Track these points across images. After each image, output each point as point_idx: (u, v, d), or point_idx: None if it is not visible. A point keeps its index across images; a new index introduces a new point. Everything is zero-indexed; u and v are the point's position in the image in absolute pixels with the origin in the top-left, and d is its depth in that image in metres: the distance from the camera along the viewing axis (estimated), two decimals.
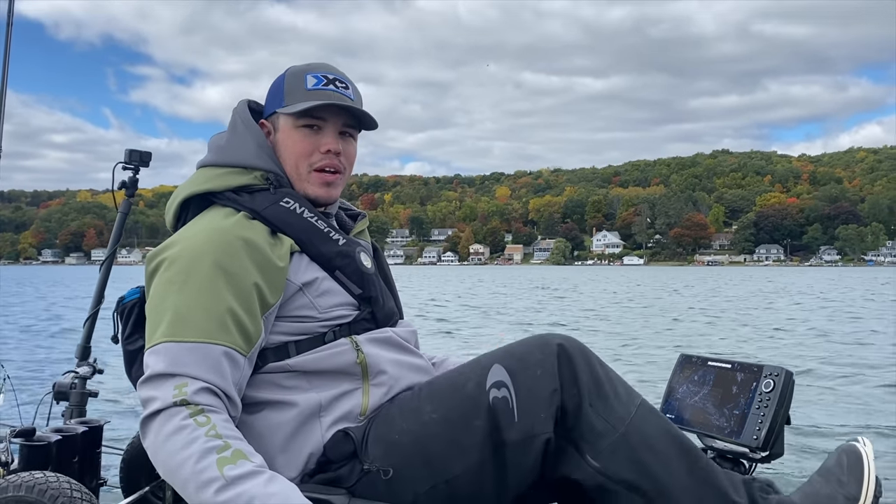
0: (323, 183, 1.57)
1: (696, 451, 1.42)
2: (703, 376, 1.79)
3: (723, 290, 31.55)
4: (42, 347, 11.02)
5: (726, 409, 1.70)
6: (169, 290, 1.39)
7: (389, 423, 1.43)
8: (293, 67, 1.60)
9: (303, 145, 1.55)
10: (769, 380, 1.65)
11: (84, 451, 1.97)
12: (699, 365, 1.82)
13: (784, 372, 1.65)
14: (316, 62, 1.61)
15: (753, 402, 1.65)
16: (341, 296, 1.52)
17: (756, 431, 1.61)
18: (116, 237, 2.66)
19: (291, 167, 1.56)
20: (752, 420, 1.63)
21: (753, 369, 1.70)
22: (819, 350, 10.85)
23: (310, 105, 1.51)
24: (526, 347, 1.43)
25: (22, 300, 25.30)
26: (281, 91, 1.57)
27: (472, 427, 1.37)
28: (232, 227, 1.45)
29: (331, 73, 1.58)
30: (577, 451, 1.37)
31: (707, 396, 1.76)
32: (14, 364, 9.65)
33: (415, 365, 1.56)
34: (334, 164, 1.56)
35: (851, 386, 7.64)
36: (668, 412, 1.82)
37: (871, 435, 5.10)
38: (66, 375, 2.44)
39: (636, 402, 1.42)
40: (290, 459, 1.42)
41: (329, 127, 1.56)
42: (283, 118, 1.57)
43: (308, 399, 1.44)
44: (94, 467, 2.02)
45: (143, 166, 2.70)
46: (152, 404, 1.30)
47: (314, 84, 1.55)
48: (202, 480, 1.22)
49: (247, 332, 1.38)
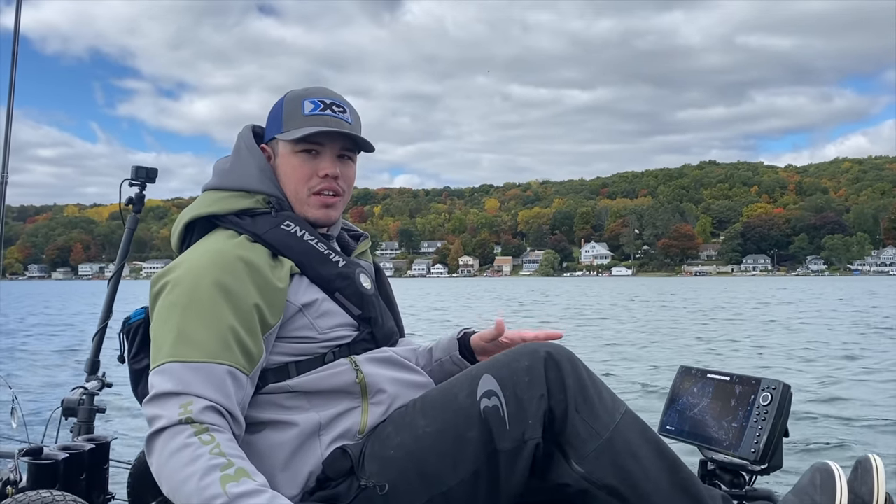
0: (322, 205, 1.60)
1: (678, 461, 1.44)
2: (703, 389, 1.81)
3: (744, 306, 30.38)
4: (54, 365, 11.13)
5: (725, 421, 1.72)
6: (172, 311, 1.41)
7: (385, 439, 1.45)
8: (292, 92, 1.64)
9: (301, 170, 1.59)
10: (767, 393, 1.67)
11: (91, 467, 1.99)
12: (698, 377, 1.83)
13: (781, 385, 1.67)
14: (314, 87, 1.65)
15: (751, 415, 1.66)
16: (341, 317, 1.55)
17: (754, 444, 1.62)
18: (124, 252, 2.72)
19: (291, 191, 1.60)
20: (751, 433, 1.65)
21: (751, 382, 1.71)
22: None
23: (306, 132, 1.55)
24: (514, 356, 1.46)
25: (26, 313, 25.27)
26: (280, 117, 1.61)
27: (466, 438, 1.40)
28: (233, 248, 1.48)
29: (328, 98, 1.61)
30: (564, 457, 1.40)
31: (706, 409, 1.77)
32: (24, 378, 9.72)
33: (414, 382, 1.58)
34: (333, 187, 1.60)
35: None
36: (668, 424, 1.83)
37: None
38: (75, 392, 2.46)
39: (621, 410, 1.44)
40: (291, 478, 1.44)
41: (327, 151, 1.59)
42: (281, 144, 1.60)
43: (308, 419, 1.47)
44: (102, 483, 2.04)
45: (149, 182, 2.78)
46: (158, 422, 1.32)
47: (311, 109, 1.59)
48: (205, 497, 1.24)
49: (249, 352, 1.41)
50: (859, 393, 8.33)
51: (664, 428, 1.85)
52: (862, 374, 9.95)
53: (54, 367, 11.43)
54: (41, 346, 15.20)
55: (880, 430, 6.33)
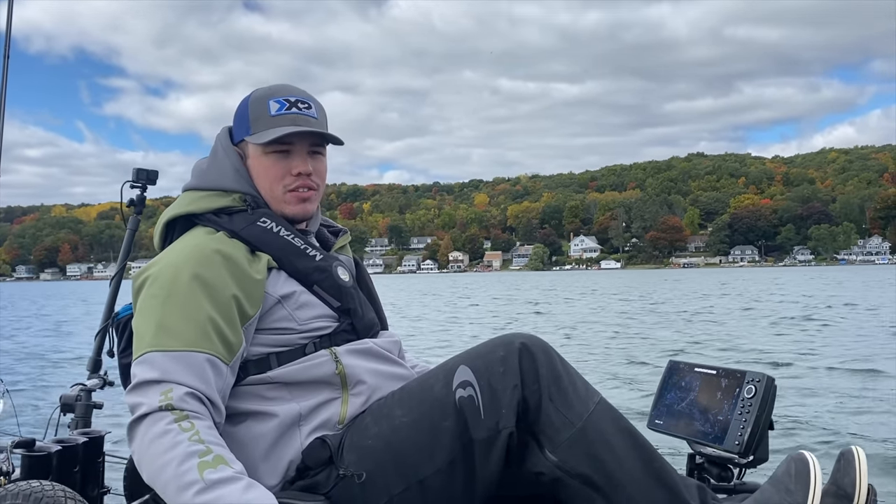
0: (299, 201, 1.64)
1: (652, 451, 1.45)
2: (690, 382, 1.82)
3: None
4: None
5: (710, 414, 1.73)
6: (153, 304, 1.45)
7: (363, 430, 1.48)
8: (256, 92, 1.66)
9: (274, 170, 1.62)
10: (751, 385, 1.68)
11: (85, 460, 2.02)
12: (686, 371, 1.85)
13: (765, 378, 1.68)
14: (277, 84, 1.68)
15: (736, 407, 1.68)
16: (320, 308, 1.58)
17: (738, 437, 1.64)
18: (126, 252, 2.73)
19: (266, 190, 1.64)
20: (735, 425, 1.66)
21: (736, 375, 1.73)
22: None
23: (276, 135, 1.58)
24: (490, 347, 1.48)
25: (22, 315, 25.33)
26: (246, 119, 1.63)
27: (441, 428, 1.42)
28: (211, 243, 1.52)
29: (293, 96, 1.63)
30: (538, 445, 1.42)
31: (693, 402, 1.79)
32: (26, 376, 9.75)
33: (395, 374, 1.61)
34: (307, 183, 1.63)
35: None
36: (657, 418, 1.85)
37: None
38: (74, 388, 2.50)
39: (595, 399, 1.46)
40: (272, 467, 1.47)
41: (297, 149, 1.62)
42: (251, 146, 1.63)
43: (289, 409, 1.49)
44: (96, 476, 2.07)
45: (150, 184, 2.79)
46: (139, 409, 1.35)
47: (277, 109, 1.61)
48: (183, 483, 1.26)
49: (227, 341, 1.44)
50: (849, 383, 8.39)
51: (653, 422, 1.86)
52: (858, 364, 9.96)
53: (60, 367, 11.50)
54: (46, 345, 15.27)
55: (869, 421, 6.39)
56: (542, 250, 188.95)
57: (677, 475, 1.46)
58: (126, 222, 2.75)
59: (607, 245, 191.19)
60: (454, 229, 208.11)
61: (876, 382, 8.36)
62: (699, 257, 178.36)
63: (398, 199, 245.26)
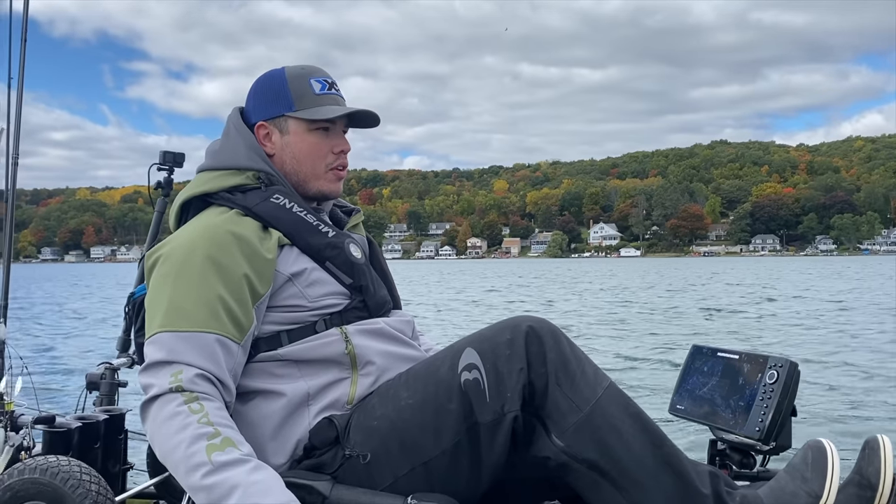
0: (337, 179, 1.69)
1: (662, 437, 1.43)
2: (713, 367, 1.79)
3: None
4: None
5: (732, 400, 1.70)
6: (164, 283, 1.46)
7: (370, 410, 1.48)
8: (291, 69, 1.68)
9: (319, 147, 1.65)
10: (773, 371, 1.64)
11: (106, 437, 2.04)
12: (709, 356, 1.82)
13: (788, 363, 1.64)
14: (308, 65, 1.69)
15: (758, 393, 1.64)
16: (331, 285, 1.58)
17: (759, 423, 1.61)
18: (154, 234, 2.75)
19: (308, 167, 1.66)
20: (756, 412, 1.63)
21: (759, 360, 1.69)
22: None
23: (335, 114, 1.63)
24: (497, 330, 1.47)
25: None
26: (287, 95, 1.65)
27: (446, 410, 1.42)
28: (222, 222, 1.53)
29: (328, 77, 1.68)
30: (545, 430, 1.41)
31: (715, 387, 1.76)
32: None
33: (405, 355, 1.60)
34: (344, 162, 1.70)
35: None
36: (678, 403, 1.84)
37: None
38: (100, 367, 2.54)
39: (603, 384, 1.44)
40: (280, 446, 1.48)
41: (337, 129, 1.68)
42: (294, 122, 1.64)
43: (297, 388, 1.50)
44: (117, 453, 2.10)
45: (176, 167, 2.84)
46: (150, 390, 1.38)
47: (321, 89, 1.65)
48: (191, 464, 1.29)
49: (238, 321, 1.45)
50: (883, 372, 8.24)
51: (675, 407, 1.85)
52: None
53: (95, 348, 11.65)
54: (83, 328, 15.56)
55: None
56: (561, 237, 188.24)
57: (688, 461, 1.44)
58: (154, 204, 2.78)
59: (627, 233, 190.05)
60: (473, 215, 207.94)
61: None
62: (720, 246, 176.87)
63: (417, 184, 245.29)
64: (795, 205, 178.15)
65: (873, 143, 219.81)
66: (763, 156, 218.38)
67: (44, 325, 16.34)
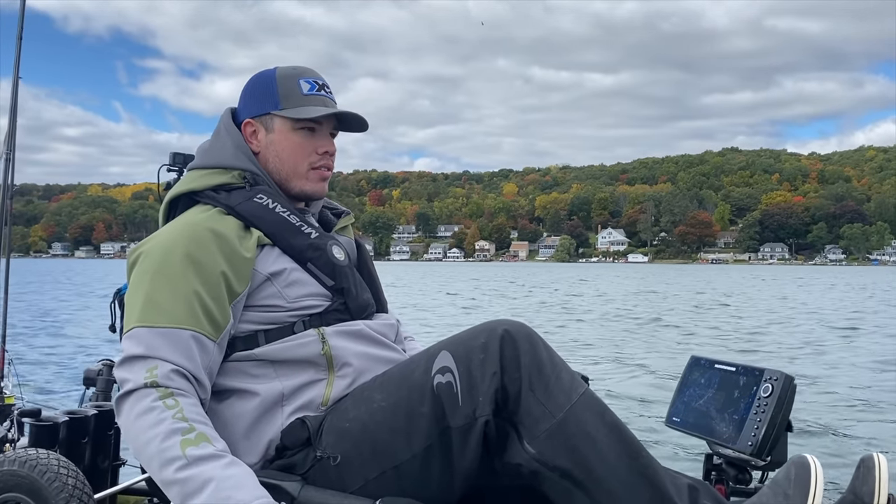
0: (320, 179, 1.68)
1: (639, 447, 1.40)
2: (709, 379, 1.77)
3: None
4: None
5: (727, 413, 1.68)
6: (143, 280, 1.47)
7: (343, 412, 1.48)
8: (281, 69, 1.69)
9: (303, 147, 1.65)
10: (768, 384, 1.61)
11: (96, 432, 2.03)
12: (707, 367, 1.80)
13: (784, 377, 1.61)
14: (300, 66, 1.70)
15: (752, 406, 1.61)
16: (312, 286, 1.58)
17: (752, 437, 1.58)
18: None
19: (290, 166, 1.66)
20: (749, 425, 1.60)
21: (755, 373, 1.67)
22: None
23: (318, 114, 1.62)
24: (473, 333, 1.45)
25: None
26: (274, 93, 1.66)
27: (418, 413, 1.40)
28: (203, 220, 1.54)
29: (319, 79, 1.68)
30: (517, 436, 1.38)
31: (711, 400, 1.74)
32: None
33: (385, 358, 1.59)
34: (328, 163, 1.69)
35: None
36: (675, 415, 1.81)
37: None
38: (98, 363, 2.57)
39: (579, 391, 1.41)
40: (252, 446, 1.48)
41: (323, 130, 1.68)
42: (279, 120, 1.65)
43: (272, 388, 1.49)
44: (106, 448, 2.08)
45: (185, 168, 2.81)
46: (126, 385, 1.38)
47: (309, 89, 1.65)
48: (165, 458, 1.30)
49: (214, 319, 1.45)
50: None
51: (671, 419, 1.82)
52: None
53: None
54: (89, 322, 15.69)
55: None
56: (569, 242, 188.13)
57: (666, 473, 1.41)
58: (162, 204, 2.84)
59: (635, 238, 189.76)
60: (481, 218, 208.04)
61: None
62: (728, 253, 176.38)
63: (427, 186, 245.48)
64: (805, 214, 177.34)
65: (885, 154, 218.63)
66: (774, 164, 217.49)
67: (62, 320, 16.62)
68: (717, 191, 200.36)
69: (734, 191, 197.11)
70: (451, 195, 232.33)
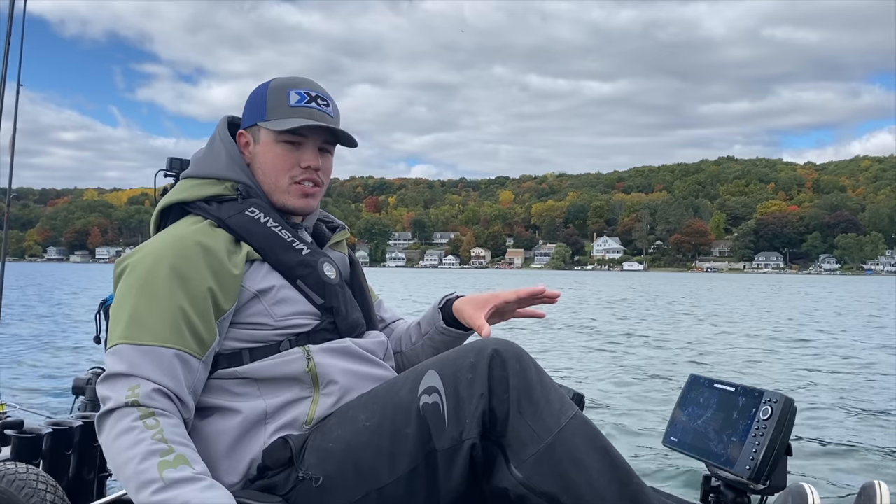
0: (302, 195, 1.62)
1: (630, 474, 1.37)
2: (708, 399, 1.73)
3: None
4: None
5: (725, 435, 1.64)
6: (128, 294, 1.43)
7: (327, 432, 1.44)
8: (276, 80, 1.65)
9: (284, 160, 1.60)
10: (767, 406, 1.58)
11: (81, 444, 1.99)
12: (705, 387, 1.76)
13: (783, 399, 1.58)
14: (299, 77, 1.66)
15: (751, 429, 1.58)
16: (301, 304, 1.54)
17: (750, 461, 1.55)
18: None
19: (271, 179, 1.61)
20: (748, 448, 1.56)
21: (754, 394, 1.64)
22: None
23: (294, 126, 1.57)
24: (462, 352, 1.41)
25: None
26: (263, 104, 1.62)
27: (403, 435, 1.36)
28: (192, 233, 1.49)
29: (313, 91, 1.63)
30: (505, 460, 1.34)
31: (709, 420, 1.70)
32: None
33: (372, 375, 1.56)
34: (313, 178, 1.62)
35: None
36: (672, 435, 1.78)
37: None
38: (87, 372, 2.51)
39: (569, 414, 1.37)
40: (233, 465, 1.44)
41: (309, 143, 1.61)
42: (264, 131, 1.61)
43: (254, 406, 1.46)
44: (92, 459, 2.04)
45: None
46: (107, 403, 1.35)
47: (297, 101, 1.60)
48: (142, 480, 1.27)
49: (200, 336, 1.42)
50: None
51: (668, 439, 1.79)
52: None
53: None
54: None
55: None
56: (565, 249, 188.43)
57: (657, 499, 1.38)
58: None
59: (631, 247, 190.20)
60: (477, 225, 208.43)
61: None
62: (723, 262, 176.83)
63: (424, 193, 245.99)
64: (800, 223, 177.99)
65: (881, 163, 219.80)
66: (769, 173, 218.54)
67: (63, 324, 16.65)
68: (713, 199, 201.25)
69: (729, 199, 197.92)
70: (447, 202, 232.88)
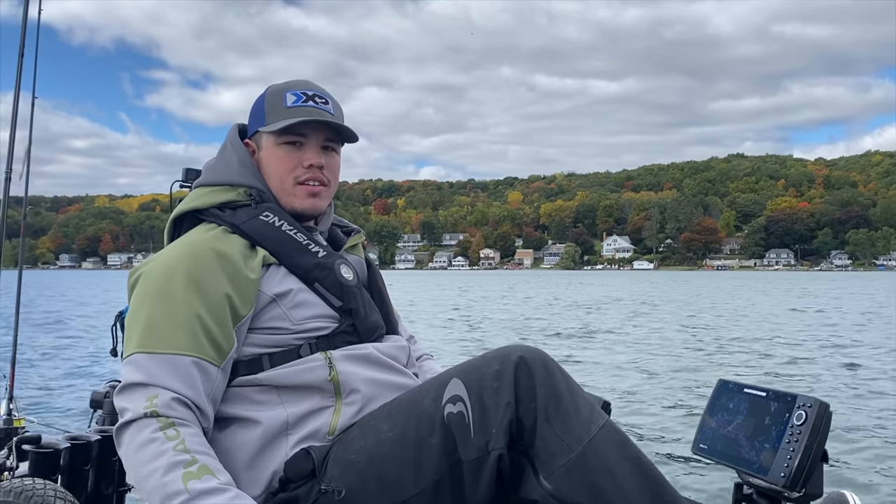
0: (308, 195, 1.59)
1: (663, 483, 1.34)
2: (738, 404, 1.69)
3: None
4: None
5: (757, 441, 1.60)
6: (143, 302, 1.41)
7: (349, 443, 1.41)
8: (273, 86, 1.64)
9: (286, 161, 1.58)
10: (801, 411, 1.54)
11: (99, 458, 1.98)
12: (735, 392, 1.72)
13: (818, 403, 1.54)
14: (296, 80, 1.65)
15: (784, 435, 1.54)
16: (319, 307, 1.52)
17: (784, 468, 1.50)
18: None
19: (277, 183, 1.60)
20: (782, 455, 1.52)
21: (787, 399, 1.59)
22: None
23: (289, 122, 1.54)
24: (486, 360, 1.38)
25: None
26: (262, 110, 1.61)
27: (427, 445, 1.34)
28: (207, 240, 1.48)
29: (310, 90, 1.61)
30: (533, 470, 1.32)
31: (740, 426, 1.66)
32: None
33: (395, 384, 1.52)
34: (318, 177, 1.59)
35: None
36: (702, 442, 1.74)
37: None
38: (106, 385, 2.51)
39: (598, 423, 1.34)
40: (255, 477, 1.41)
41: (311, 142, 1.59)
42: (265, 136, 1.60)
43: (276, 416, 1.43)
44: (111, 474, 2.02)
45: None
46: (125, 414, 1.33)
47: (293, 101, 1.58)
48: (167, 493, 1.24)
49: (217, 343, 1.40)
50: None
51: (698, 446, 1.75)
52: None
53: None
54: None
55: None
56: (574, 249, 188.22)
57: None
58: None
59: (640, 245, 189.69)
60: (486, 226, 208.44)
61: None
62: (733, 260, 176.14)
63: (432, 195, 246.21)
64: (810, 219, 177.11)
65: (892, 158, 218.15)
66: (779, 169, 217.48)
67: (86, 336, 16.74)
68: (723, 197, 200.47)
69: (739, 197, 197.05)
70: (455, 203, 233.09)
